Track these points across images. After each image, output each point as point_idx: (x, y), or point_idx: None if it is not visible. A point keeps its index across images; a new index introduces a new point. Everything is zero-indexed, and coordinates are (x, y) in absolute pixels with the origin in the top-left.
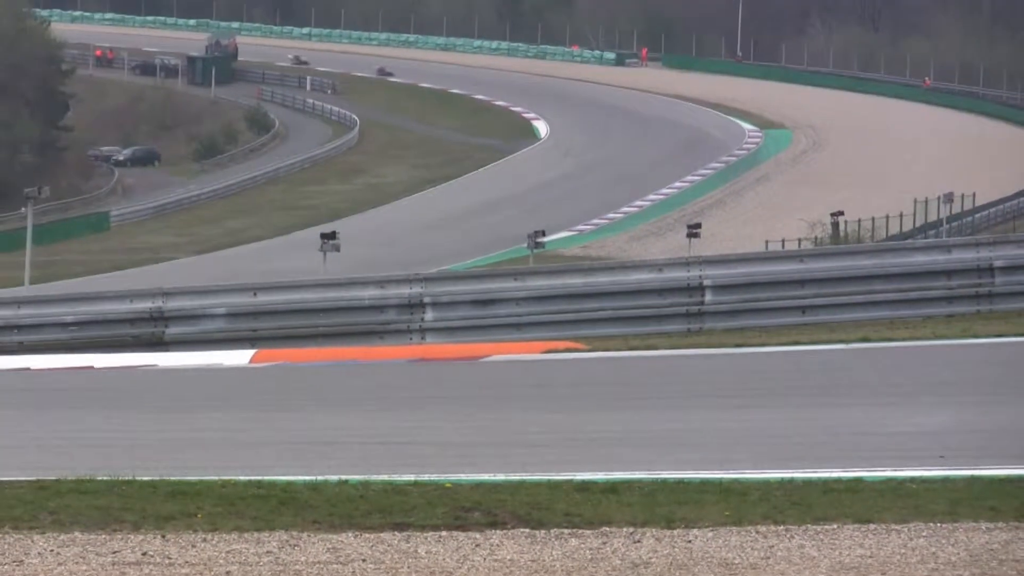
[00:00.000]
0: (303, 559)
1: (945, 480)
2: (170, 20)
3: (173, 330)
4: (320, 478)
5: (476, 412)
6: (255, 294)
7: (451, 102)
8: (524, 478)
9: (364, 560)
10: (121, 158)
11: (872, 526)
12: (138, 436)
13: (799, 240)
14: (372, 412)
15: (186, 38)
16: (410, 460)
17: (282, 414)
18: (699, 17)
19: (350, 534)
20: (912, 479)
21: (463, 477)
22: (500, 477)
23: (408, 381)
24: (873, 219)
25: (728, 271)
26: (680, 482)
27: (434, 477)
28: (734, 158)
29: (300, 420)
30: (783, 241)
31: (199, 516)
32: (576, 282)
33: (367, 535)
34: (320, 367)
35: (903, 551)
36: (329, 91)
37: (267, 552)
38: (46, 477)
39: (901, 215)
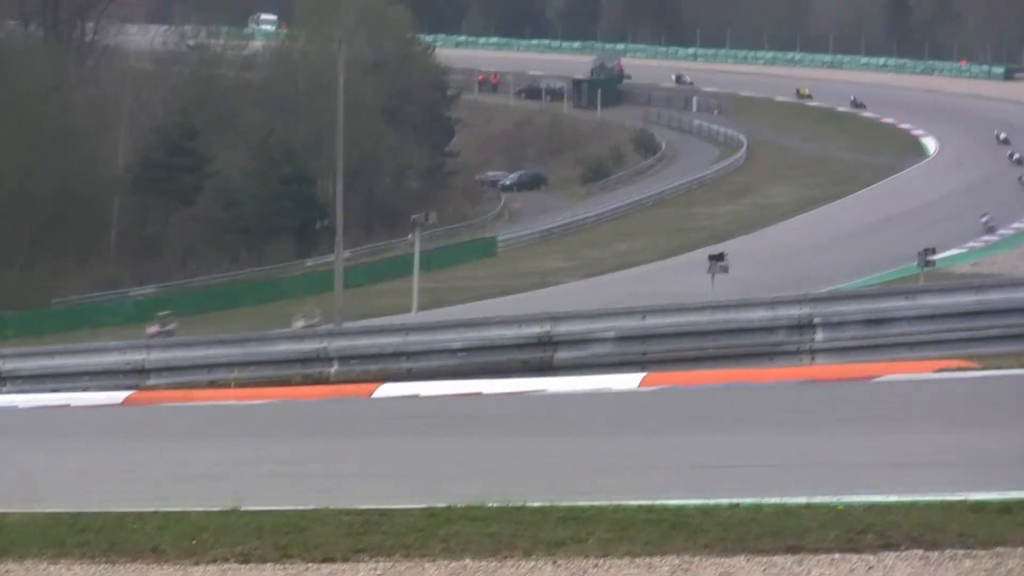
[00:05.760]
0: None
1: None
2: (555, 43)
3: (562, 355)
4: (712, 501)
5: (868, 433)
6: (644, 317)
7: (839, 120)
8: (917, 499)
9: None
10: (508, 183)
11: None
12: (528, 462)
13: None
14: (763, 434)
15: (571, 61)
16: (802, 482)
17: (673, 437)
18: None
19: (742, 557)
20: None
21: (856, 498)
22: (893, 498)
23: (799, 403)
24: None
25: None
26: None
27: (826, 499)
28: None
29: (691, 443)
30: None
31: (590, 542)
32: (968, 300)
33: (759, 558)
34: (710, 390)
35: None
36: (715, 111)
37: None
38: (436, 504)
39: None
